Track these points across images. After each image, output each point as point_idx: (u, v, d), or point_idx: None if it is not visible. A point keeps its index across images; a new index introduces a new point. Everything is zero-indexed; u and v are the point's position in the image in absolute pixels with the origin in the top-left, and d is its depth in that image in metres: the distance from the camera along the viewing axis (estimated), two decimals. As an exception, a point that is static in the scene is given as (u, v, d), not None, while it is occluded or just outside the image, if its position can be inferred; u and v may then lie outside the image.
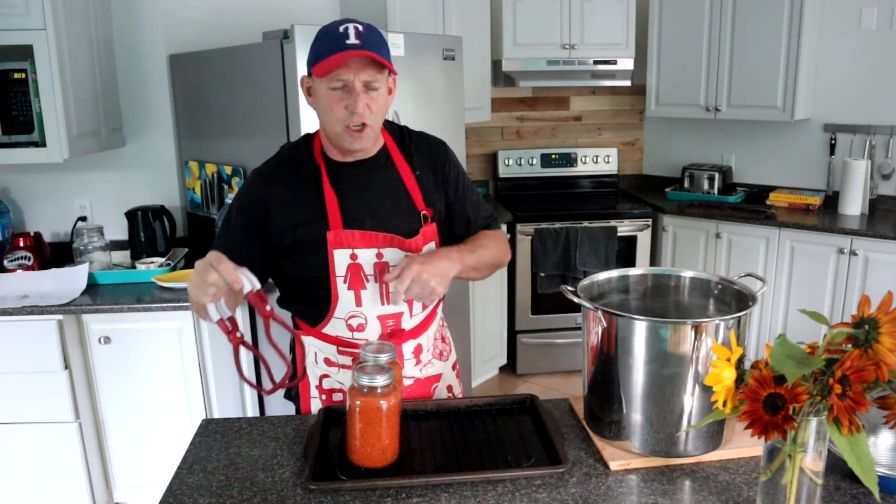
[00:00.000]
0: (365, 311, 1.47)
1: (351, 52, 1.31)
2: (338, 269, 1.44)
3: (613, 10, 3.84)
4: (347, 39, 1.32)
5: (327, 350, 1.53)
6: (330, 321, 1.49)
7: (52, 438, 2.47)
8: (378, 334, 1.50)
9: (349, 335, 1.50)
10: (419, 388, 1.59)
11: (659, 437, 1.23)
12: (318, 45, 1.36)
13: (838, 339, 0.95)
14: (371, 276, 1.45)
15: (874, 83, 3.56)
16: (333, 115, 1.37)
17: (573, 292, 1.33)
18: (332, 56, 1.32)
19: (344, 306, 1.47)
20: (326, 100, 1.37)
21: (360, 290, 1.45)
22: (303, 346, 1.52)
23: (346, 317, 1.48)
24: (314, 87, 1.40)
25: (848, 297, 3.27)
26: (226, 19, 3.05)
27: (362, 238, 1.43)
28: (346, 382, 1.52)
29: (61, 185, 2.98)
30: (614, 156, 4.33)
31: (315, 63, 1.35)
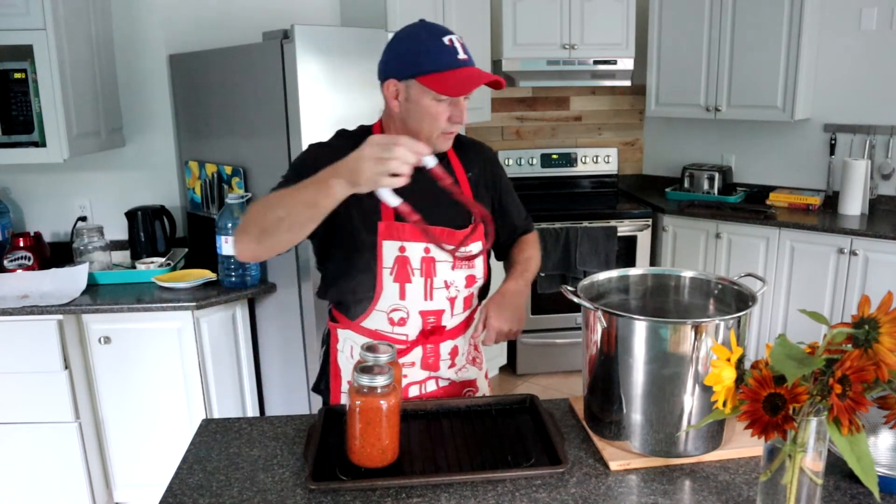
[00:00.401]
0: (408, 305, 1.48)
1: (472, 70, 1.36)
2: (385, 261, 1.45)
3: (613, 10, 3.84)
4: (458, 55, 1.36)
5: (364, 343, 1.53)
6: (371, 314, 1.49)
7: (52, 438, 2.47)
8: (419, 330, 1.51)
9: (389, 329, 1.50)
10: (453, 391, 1.60)
11: (659, 437, 1.23)
12: (427, 58, 1.35)
13: (838, 339, 0.95)
14: (417, 269, 1.46)
15: (874, 83, 3.56)
16: (436, 123, 1.40)
17: (573, 292, 1.33)
18: (454, 73, 1.34)
19: (387, 299, 1.47)
20: (430, 109, 1.38)
21: (406, 284, 1.46)
22: (337, 339, 1.54)
23: (389, 310, 1.48)
24: (410, 94, 1.39)
25: (848, 297, 3.27)
26: (226, 19, 3.05)
27: (411, 231, 1.44)
28: None
29: (61, 185, 2.98)
30: (614, 156, 4.33)
31: (425, 74, 1.35)
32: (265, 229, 1.23)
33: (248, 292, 2.58)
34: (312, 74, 2.35)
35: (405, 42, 1.40)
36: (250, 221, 1.27)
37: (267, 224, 1.23)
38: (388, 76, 1.41)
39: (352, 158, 1.14)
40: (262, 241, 1.25)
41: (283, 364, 2.71)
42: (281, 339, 2.69)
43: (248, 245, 1.26)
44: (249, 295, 2.59)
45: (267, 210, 1.24)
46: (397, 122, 1.45)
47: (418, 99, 1.38)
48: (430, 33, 1.38)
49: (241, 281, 2.57)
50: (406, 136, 1.16)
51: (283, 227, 1.22)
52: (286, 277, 2.58)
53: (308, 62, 2.34)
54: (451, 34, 1.38)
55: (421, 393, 1.57)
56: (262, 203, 1.27)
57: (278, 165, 2.47)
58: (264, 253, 1.28)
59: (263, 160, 2.55)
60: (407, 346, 1.51)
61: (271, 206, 1.24)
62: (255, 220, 1.25)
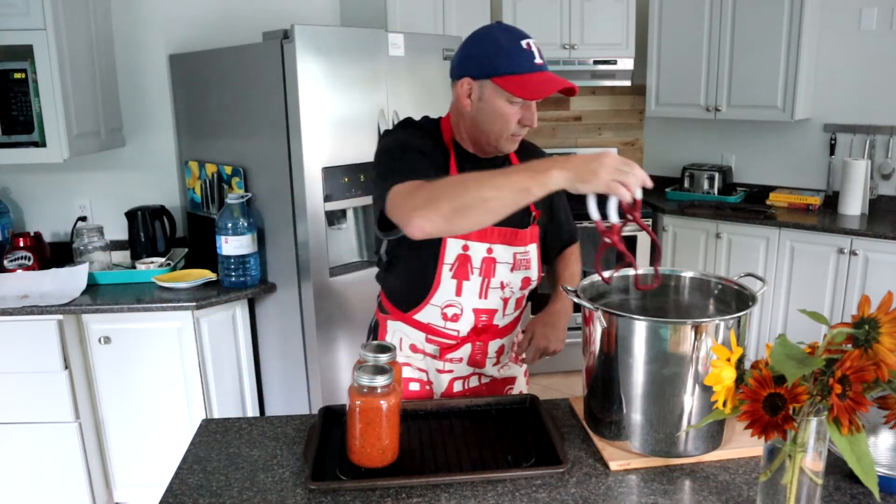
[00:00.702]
0: (463, 302, 1.50)
1: (548, 76, 1.36)
2: (447, 257, 1.47)
3: (613, 10, 3.84)
4: (535, 59, 1.37)
5: (415, 336, 1.56)
6: (425, 307, 1.52)
7: (52, 438, 2.47)
8: (471, 327, 1.53)
9: (441, 324, 1.53)
10: (493, 388, 1.63)
11: (659, 437, 1.23)
12: (505, 60, 1.36)
13: (838, 339, 0.95)
14: (477, 269, 1.48)
15: (874, 83, 3.56)
16: (507, 125, 1.41)
17: (573, 292, 1.34)
18: (530, 76, 1.35)
19: (443, 294, 1.49)
20: (503, 110, 1.39)
21: (463, 281, 1.48)
22: (386, 330, 1.58)
23: (443, 305, 1.50)
24: (484, 94, 1.40)
25: (848, 297, 3.27)
26: (226, 19, 3.05)
27: (477, 232, 1.45)
28: (429, 369, 1.58)
29: (61, 185, 2.98)
30: (614, 156, 4.33)
31: (501, 76, 1.36)
32: (461, 207, 1.18)
33: (248, 292, 2.58)
34: (312, 74, 2.35)
35: (482, 42, 1.40)
36: (441, 198, 1.19)
37: (466, 203, 1.17)
38: (464, 74, 1.42)
39: (587, 158, 1.14)
40: (452, 219, 1.19)
41: (283, 364, 2.71)
42: (281, 339, 2.69)
43: (434, 221, 1.19)
44: (249, 295, 2.59)
45: (466, 189, 1.18)
46: (467, 120, 1.46)
47: (491, 99, 1.39)
48: (508, 35, 1.38)
49: (241, 281, 2.57)
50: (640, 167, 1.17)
51: (485, 208, 1.17)
52: (286, 277, 2.58)
53: (308, 62, 2.34)
54: (528, 38, 1.39)
55: (464, 388, 1.60)
56: (452, 182, 1.23)
57: (278, 165, 2.47)
58: (446, 231, 1.24)
59: (263, 160, 2.55)
60: (457, 341, 1.55)
61: (471, 186, 1.18)
62: (448, 197, 1.19)
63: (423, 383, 1.59)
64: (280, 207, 2.52)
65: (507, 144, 1.46)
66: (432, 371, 1.58)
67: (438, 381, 1.59)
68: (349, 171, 2.53)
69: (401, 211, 1.25)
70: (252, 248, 2.57)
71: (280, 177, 2.47)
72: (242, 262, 2.56)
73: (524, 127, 1.42)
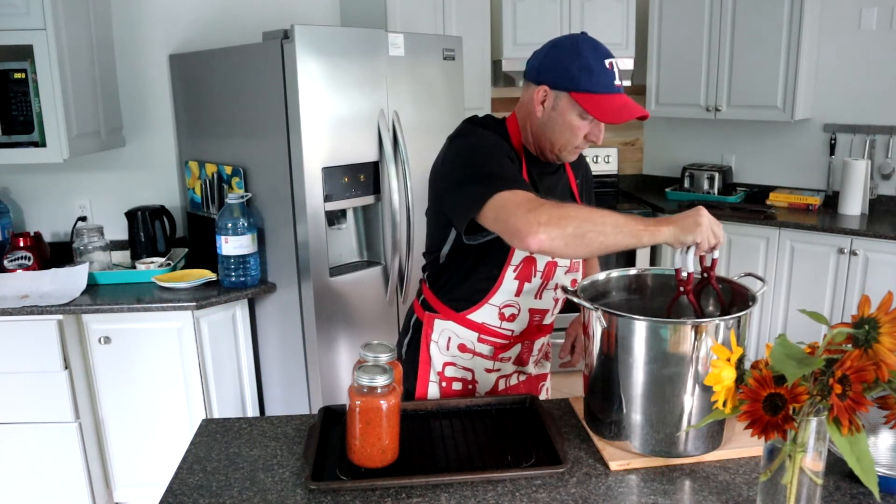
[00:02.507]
0: (521, 302, 1.53)
1: (626, 100, 1.40)
2: (514, 259, 1.48)
3: (613, 10, 3.84)
4: (615, 80, 1.41)
5: (466, 336, 1.56)
6: (482, 307, 1.52)
7: (52, 438, 2.47)
8: (525, 327, 1.56)
9: (497, 323, 1.54)
10: (529, 385, 1.66)
11: (659, 437, 1.23)
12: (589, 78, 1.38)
13: (838, 339, 0.95)
14: (540, 271, 1.51)
15: (874, 83, 3.56)
16: (574, 138, 1.44)
17: (573, 292, 1.34)
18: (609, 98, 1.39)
19: (503, 294, 1.51)
20: (572, 123, 1.42)
21: (525, 283, 1.51)
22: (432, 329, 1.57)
23: (502, 305, 1.52)
24: (558, 104, 1.42)
25: (848, 297, 3.27)
26: (226, 19, 3.05)
27: None
28: (476, 369, 1.58)
29: (61, 185, 2.98)
30: (614, 156, 4.33)
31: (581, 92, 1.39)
32: (580, 237, 1.23)
33: (248, 292, 2.58)
34: (312, 74, 2.35)
35: (567, 53, 1.41)
36: (568, 221, 1.23)
37: (585, 235, 1.23)
38: (542, 82, 1.43)
39: (691, 219, 1.24)
40: (572, 243, 1.24)
41: (283, 364, 2.71)
42: (281, 339, 2.69)
43: (555, 241, 1.23)
44: (249, 295, 2.59)
45: (592, 221, 1.24)
46: (535, 125, 1.48)
47: (565, 112, 1.42)
48: (594, 52, 1.40)
49: (241, 281, 2.57)
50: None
51: (601, 243, 1.24)
52: (286, 277, 2.58)
53: (308, 62, 2.34)
54: (612, 57, 1.42)
55: (507, 386, 1.63)
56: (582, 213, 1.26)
57: (278, 165, 2.47)
58: (560, 251, 1.26)
59: (263, 160, 2.55)
60: (510, 341, 1.57)
61: (596, 218, 1.25)
62: (575, 224, 1.23)
63: (465, 383, 1.58)
64: (280, 207, 2.52)
65: (568, 155, 1.49)
66: (479, 370, 1.58)
67: (485, 381, 1.60)
68: (349, 171, 2.53)
69: (516, 221, 1.25)
70: (252, 248, 2.57)
71: (280, 177, 2.47)
72: (242, 262, 2.56)
73: (589, 142, 1.46)
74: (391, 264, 2.70)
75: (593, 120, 1.42)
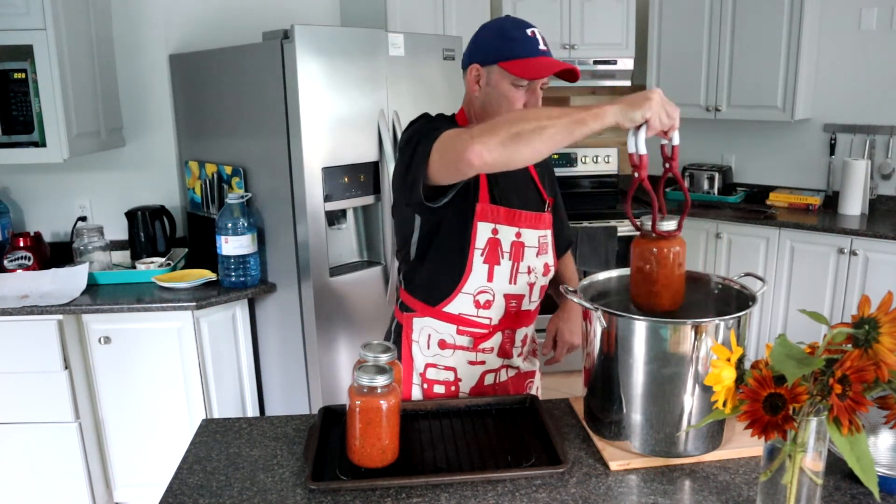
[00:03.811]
0: (494, 288, 1.53)
1: (546, 58, 1.45)
2: (478, 242, 1.49)
3: (613, 10, 3.84)
4: (539, 45, 1.45)
5: (445, 330, 1.56)
6: (457, 296, 1.53)
7: (52, 438, 2.47)
8: (502, 314, 1.55)
9: (474, 312, 1.54)
10: (517, 381, 1.65)
11: (659, 437, 1.23)
12: (510, 45, 1.45)
13: (838, 339, 0.95)
14: (507, 252, 1.52)
15: (874, 83, 3.56)
16: (512, 107, 1.47)
17: (573, 292, 1.34)
18: (533, 60, 1.43)
19: (475, 280, 1.51)
20: (508, 93, 1.46)
21: (494, 266, 1.51)
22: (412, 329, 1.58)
23: (476, 292, 1.52)
24: (491, 78, 1.47)
25: (848, 297, 3.27)
26: (226, 19, 3.05)
27: (506, 215, 1.50)
28: (459, 366, 1.58)
29: (61, 185, 2.98)
30: (614, 156, 4.33)
31: (507, 60, 1.44)
32: (519, 134, 1.22)
33: (248, 292, 2.58)
34: (312, 74, 2.35)
35: (491, 31, 1.49)
36: (500, 126, 1.24)
37: (523, 129, 1.22)
38: (472, 62, 1.50)
39: (639, 96, 1.20)
40: (509, 144, 1.22)
41: (283, 364, 2.71)
42: (281, 339, 2.69)
43: (492, 146, 1.22)
44: (249, 295, 2.59)
45: (525, 119, 1.24)
46: (477, 106, 1.52)
47: (498, 83, 1.47)
48: (514, 24, 1.48)
49: (241, 281, 2.57)
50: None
51: (542, 136, 1.22)
52: (286, 277, 2.58)
53: (308, 62, 2.34)
54: (533, 27, 1.48)
55: (495, 382, 1.61)
56: (513, 115, 1.28)
57: (278, 165, 2.47)
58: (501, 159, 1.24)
59: (263, 160, 2.55)
60: (489, 330, 1.56)
61: (529, 116, 1.25)
62: (507, 125, 1.23)
63: (448, 384, 1.57)
64: (280, 207, 2.52)
65: None
66: (463, 365, 1.57)
67: (470, 376, 1.58)
68: (349, 171, 2.53)
69: (454, 146, 1.26)
70: (252, 248, 2.57)
71: (280, 177, 2.47)
72: (242, 262, 2.56)
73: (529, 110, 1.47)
74: (391, 264, 2.70)
75: (528, 87, 1.45)
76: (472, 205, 1.48)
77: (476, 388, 1.59)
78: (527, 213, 1.52)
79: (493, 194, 1.50)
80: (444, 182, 1.36)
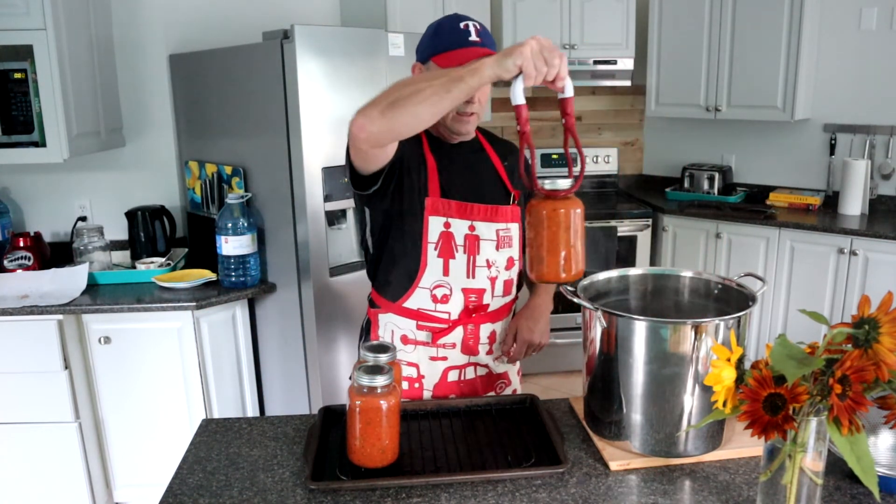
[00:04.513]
0: (451, 282, 1.53)
1: (475, 48, 1.43)
2: (430, 236, 1.50)
3: (613, 10, 3.84)
4: (469, 37, 1.44)
5: (406, 326, 1.57)
6: (414, 292, 1.53)
7: (52, 438, 2.47)
8: (461, 308, 1.55)
9: (432, 307, 1.54)
10: (488, 381, 1.64)
11: (659, 437, 1.23)
12: (440, 39, 1.46)
13: (838, 339, 0.95)
14: (461, 246, 1.52)
15: (874, 83, 3.56)
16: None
17: (573, 292, 1.34)
18: (459, 50, 1.43)
19: (431, 274, 1.52)
20: None
21: (449, 260, 1.51)
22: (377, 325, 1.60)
23: (432, 286, 1.53)
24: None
25: (848, 297, 3.27)
26: (226, 19, 3.05)
27: (458, 208, 1.50)
28: (421, 362, 1.58)
29: (61, 185, 2.98)
30: (614, 156, 4.33)
31: (437, 54, 1.45)
32: (397, 100, 1.19)
33: (248, 292, 2.58)
34: (312, 74, 2.35)
35: (429, 29, 1.51)
36: (381, 96, 1.22)
37: (401, 95, 1.19)
38: (416, 61, 1.53)
39: (513, 46, 1.14)
40: (387, 112, 1.20)
41: (283, 364, 2.71)
42: (281, 339, 2.69)
43: (373, 117, 1.21)
44: (249, 295, 2.59)
45: (403, 86, 1.21)
46: None
47: None
48: (450, 19, 1.48)
49: (241, 281, 2.57)
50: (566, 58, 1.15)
51: (419, 98, 1.18)
52: (286, 277, 2.58)
53: (308, 62, 2.34)
54: (470, 20, 1.46)
55: (460, 379, 1.60)
56: (395, 84, 1.24)
57: (278, 165, 2.47)
58: (384, 129, 1.23)
59: (263, 160, 2.55)
60: (449, 325, 1.55)
61: (408, 82, 1.22)
62: (387, 94, 1.21)
63: (412, 381, 1.58)
64: (280, 207, 2.52)
65: (455, 124, 1.50)
66: (425, 361, 1.58)
67: (432, 372, 1.58)
68: (349, 171, 2.53)
69: (348, 128, 1.27)
70: (252, 248, 2.57)
71: (280, 177, 2.47)
72: (242, 262, 2.56)
73: (468, 104, 1.47)
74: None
75: None
76: (423, 199, 1.49)
77: (440, 385, 1.59)
78: (481, 207, 1.52)
79: (444, 188, 1.50)
80: (363, 167, 1.40)
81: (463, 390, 1.60)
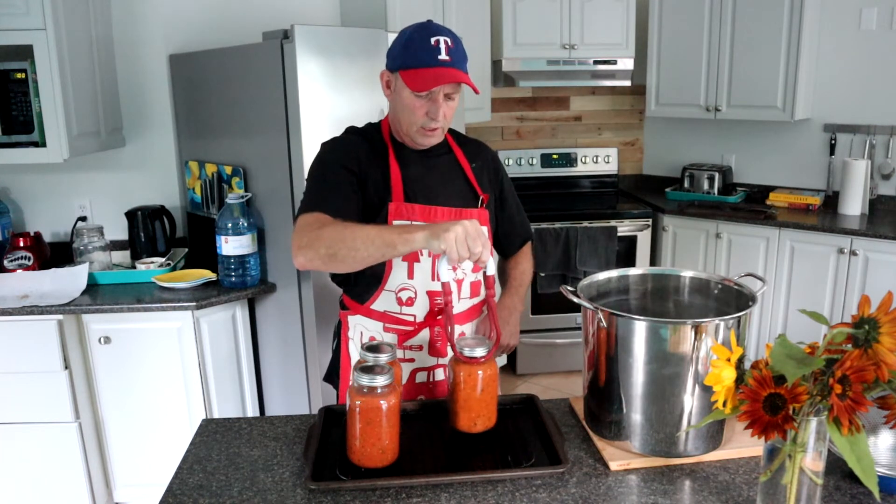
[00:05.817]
0: (416, 285, 1.53)
1: (443, 69, 1.41)
2: None
3: (613, 10, 3.84)
4: (439, 55, 1.41)
5: (374, 328, 1.57)
6: (380, 294, 1.54)
7: (52, 438, 2.47)
8: (426, 311, 1.55)
9: (397, 309, 1.54)
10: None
11: (659, 437, 1.23)
12: (410, 54, 1.43)
13: (838, 339, 0.95)
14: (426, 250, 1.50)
15: (874, 83, 3.56)
16: (414, 116, 1.47)
17: (573, 292, 1.34)
18: (426, 70, 1.40)
19: (396, 278, 1.52)
20: (409, 102, 1.45)
21: (414, 263, 1.52)
22: (348, 327, 1.60)
23: (397, 289, 1.53)
24: (395, 85, 1.48)
25: (848, 297, 3.27)
26: (226, 19, 3.05)
27: (421, 212, 1.50)
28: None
29: (61, 185, 2.98)
30: (614, 156, 4.33)
31: (405, 69, 1.43)
32: (335, 255, 1.32)
33: (248, 292, 2.58)
34: (312, 74, 2.35)
35: (402, 36, 1.47)
36: (321, 242, 1.33)
37: (339, 251, 1.32)
38: (385, 67, 1.50)
39: (444, 226, 1.23)
40: (328, 262, 1.34)
41: (283, 364, 2.71)
42: (281, 339, 2.69)
43: (313, 262, 1.36)
44: (249, 295, 2.59)
45: (343, 239, 1.32)
46: (391, 110, 1.54)
47: (400, 91, 1.46)
48: (422, 32, 1.44)
49: (241, 281, 2.57)
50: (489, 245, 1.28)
51: (354, 257, 1.31)
52: (286, 277, 2.58)
53: (308, 62, 2.34)
54: (441, 36, 1.43)
55: (428, 380, 1.60)
56: (335, 231, 1.34)
57: (278, 165, 2.47)
58: (322, 268, 1.38)
59: (263, 160, 2.55)
60: (414, 327, 1.55)
61: (347, 237, 1.32)
62: (327, 244, 1.33)
63: None
64: (280, 207, 2.52)
65: (419, 137, 1.50)
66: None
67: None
68: (349, 171, 2.52)
69: (293, 243, 1.38)
70: (252, 248, 2.57)
71: (280, 177, 2.47)
72: (242, 262, 2.56)
73: (433, 120, 1.46)
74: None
75: (428, 96, 1.44)
76: (386, 204, 1.49)
77: (408, 387, 1.58)
78: (445, 210, 1.52)
79: (407, 192, 1.51)
80: None
81: (432, 391, 1.60)
